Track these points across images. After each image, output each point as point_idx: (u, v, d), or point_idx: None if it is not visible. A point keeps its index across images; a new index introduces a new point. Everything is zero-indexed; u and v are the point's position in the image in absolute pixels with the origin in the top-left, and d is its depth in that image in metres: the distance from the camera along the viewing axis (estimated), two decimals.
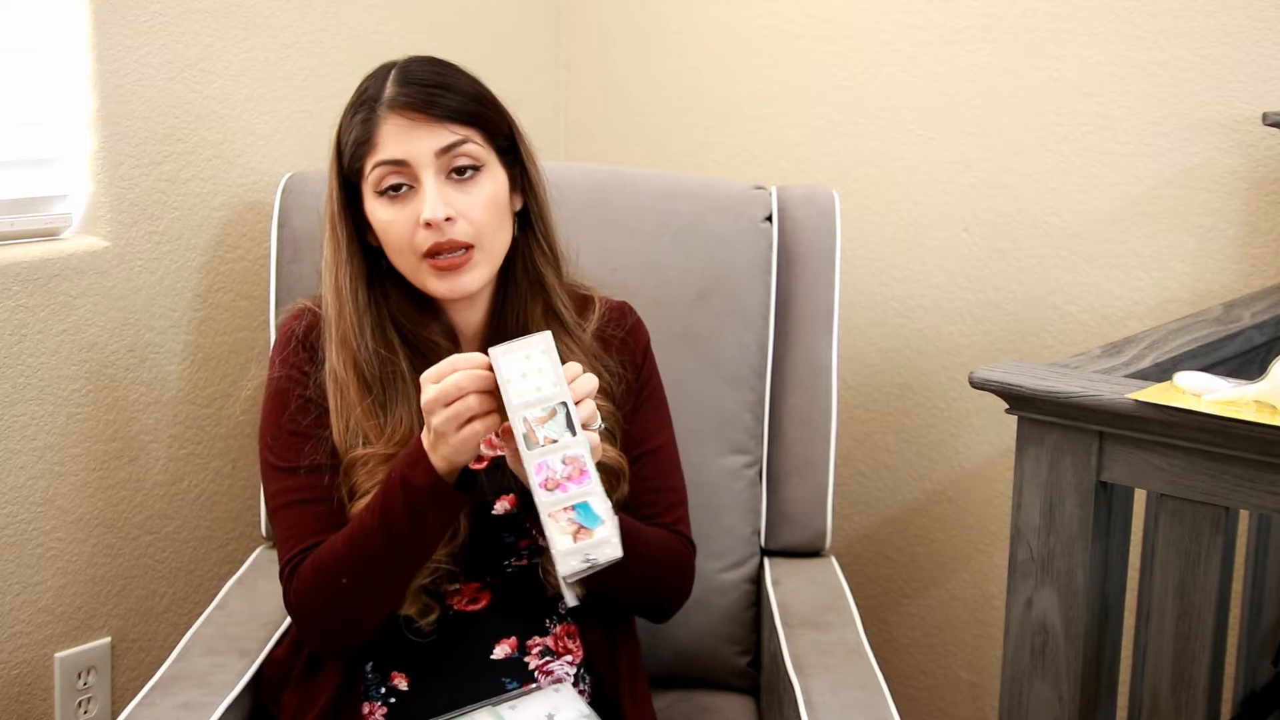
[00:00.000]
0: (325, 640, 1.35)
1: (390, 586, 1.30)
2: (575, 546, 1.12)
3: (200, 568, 1.95)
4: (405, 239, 1.31)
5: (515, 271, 1.39)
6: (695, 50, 2.28)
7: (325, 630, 1.33)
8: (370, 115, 1.31)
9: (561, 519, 1.13)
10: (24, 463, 1.73)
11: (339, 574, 1.28)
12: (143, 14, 1.79)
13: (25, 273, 1.70)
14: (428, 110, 1.29)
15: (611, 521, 1.13)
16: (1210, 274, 1.86)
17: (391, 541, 1.25)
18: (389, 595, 1.30)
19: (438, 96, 1.30)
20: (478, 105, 1.33)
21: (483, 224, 1.32)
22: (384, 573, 1.28)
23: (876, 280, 2.14)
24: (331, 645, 1.35)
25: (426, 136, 1.29)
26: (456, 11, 2.19)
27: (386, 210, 1.31)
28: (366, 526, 1.26)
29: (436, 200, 1.28)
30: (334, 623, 1.32)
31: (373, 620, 1.32)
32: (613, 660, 1.42)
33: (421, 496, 1.22)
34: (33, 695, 1.78)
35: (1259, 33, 1.79)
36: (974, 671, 2.16)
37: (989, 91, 2.00)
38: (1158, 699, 1.34)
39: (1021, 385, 1.34)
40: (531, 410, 1.14)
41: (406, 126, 1.29)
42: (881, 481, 2.20)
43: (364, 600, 1.29)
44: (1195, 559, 1.30)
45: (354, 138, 1.32)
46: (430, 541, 1.27)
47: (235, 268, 1.93)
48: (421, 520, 1.24)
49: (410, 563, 1.29)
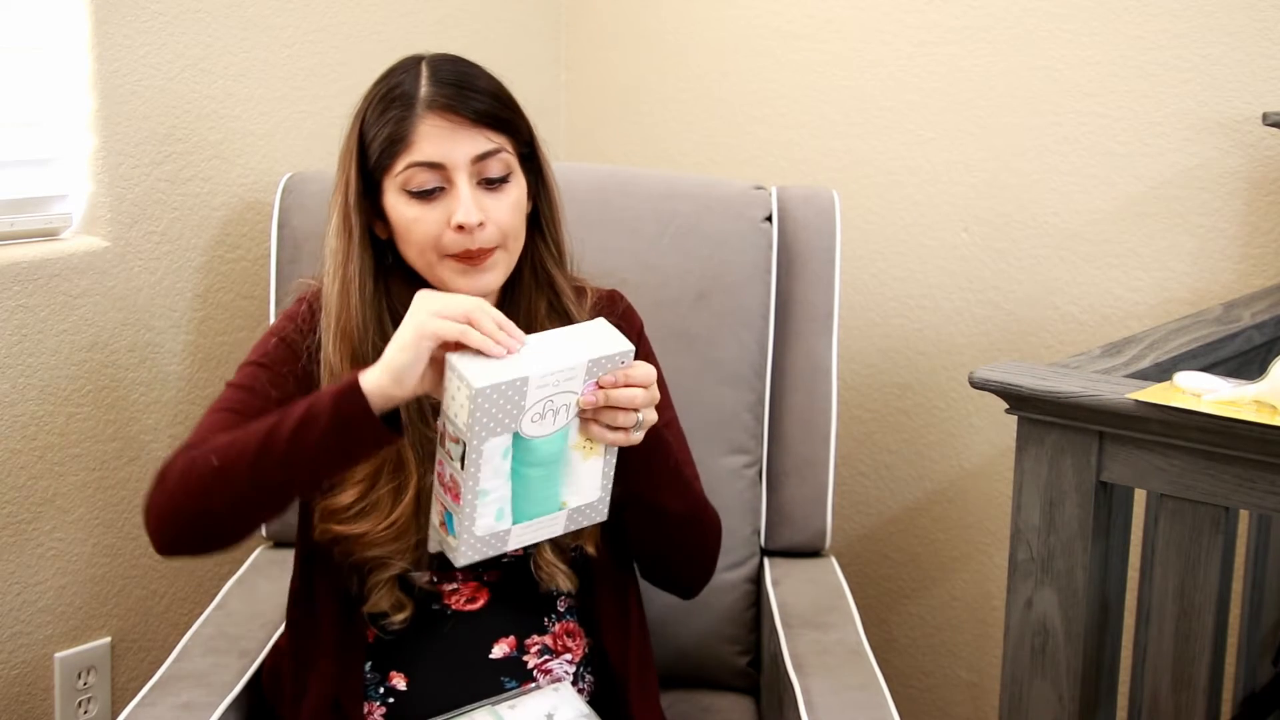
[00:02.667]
0: (162, 514, 1.28)
1: (256, 492, 1.23)
2: (435, 534, 1.25)
3: (200, 568, 1.95)
4: (430, 238, 1.31)
5: (523, 271, 1.39)
6: (695, 50, 2.28)
7: (175, 503, 1.26)
8: (406, 115, 1.29)
9: (438, 505, 1.24)
10: (24, 463, 1.73)
11: (221, 454, 1.23)
12: (143, 14, 1.79)
13: (25, 273, 1.70)
14: (466, 114, 1.29)
15: (467, 537, 1.22)
16: (1210, 274, 1.86)
17: (293, 445, 1.20)
18: (250, 500, 1.24)
19: (474, 100, 1.30)
20: (509, 111, 1.33)
21: (509, 228, 1.32)
22: (268, 471, 1.22)
23: (876, 280, 2.14)
24: (167, 523, 1.28)
25: (465, 141, 1.29)
26: (457, 11, 2.19)
27: (412, 208, 1.30)
28: (273, 424, 1.22)
29: (472, 205, 1.28)
30: (185, 500, 1.25)
31: (219, 517, 1.25)
32: (624, 649, 1.42)
33: (351, 408, 1.18)
34: (33, 695, 1.79)
35: (1259, 33, 1.79)
36: (974, 671, 2.16)
37: (989, 91, 2.00)
38: (1158, 699, 1.34)
39: (1021, 385, 1.34)
40: (446, 424, 1.20)
41: (446, 129, 1.28)
42: (881, 481, 2.20)
43: (225, 488, 1.23)
44: (1195, 559, 1.30)
45: (386, 135, 1.30)
46: (325, 462, 1.22)
47: (235, 268, 1.93)
48: (337, 434, 1.19)
49: (292, 476, 1.23)
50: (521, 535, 1.28)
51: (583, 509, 1.29)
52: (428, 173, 1.29)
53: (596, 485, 1.28)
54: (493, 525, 1.26)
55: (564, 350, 1.20)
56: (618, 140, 2.39)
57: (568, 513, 1.28)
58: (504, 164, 1.31)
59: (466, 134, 1.29)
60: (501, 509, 1.26)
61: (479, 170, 1.30)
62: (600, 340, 1.22)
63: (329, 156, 2.01)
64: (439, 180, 1.29)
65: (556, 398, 1.20)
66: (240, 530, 1.29)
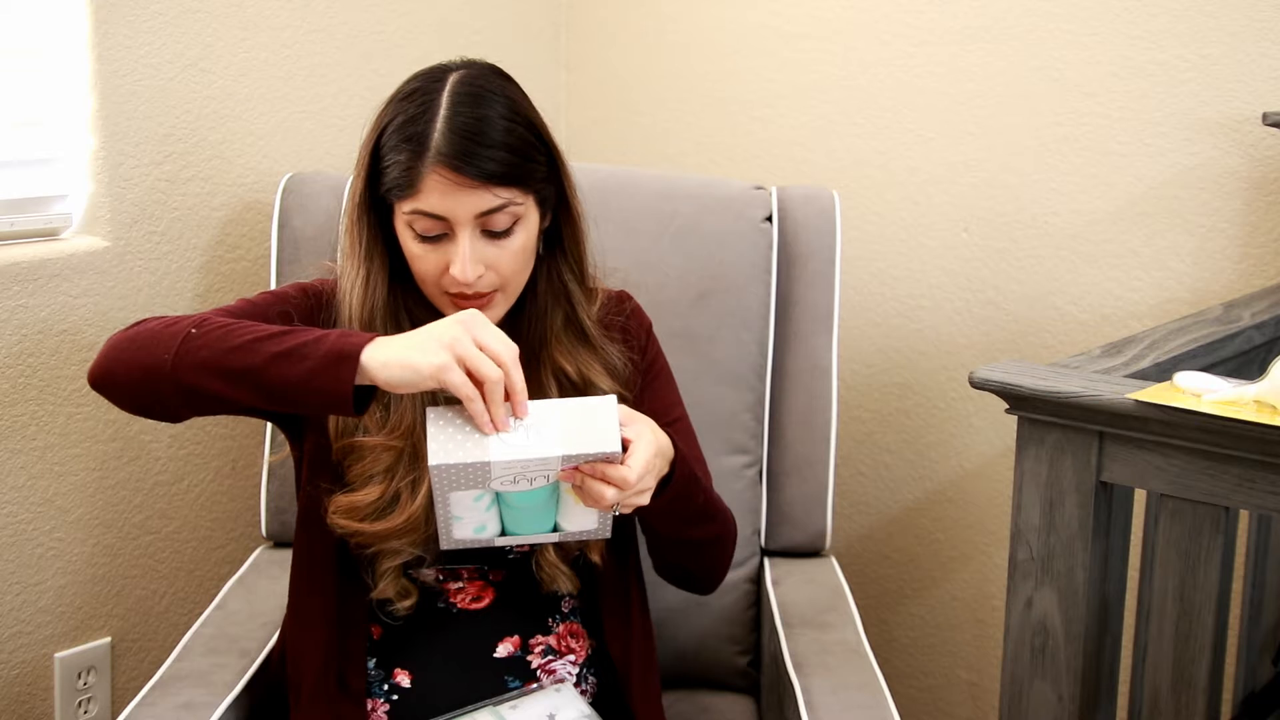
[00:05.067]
0: (119, 345, 1.27)
1: (219, 377, 1.21)
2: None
3: (200, 568, 1.95)
4: (431, 275, 1.31)
5: (538, 283, 1.39)
6: (695, 50, 2.28)
7: (138, 343, 1.25)
8: (414, 163, 1.27)
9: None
10: (24, 463, 1.73)
11: (202, 328, 1.22)
12: (143, 14, 1.79)
13: (25, 273, 1.70)
14: (474, 173, 1.26)
15: (446, 539, 1.26)
16: (1210, 274, 1.86)
17: (269, 370, 1.19)
18: (199, 378, 1.22)
19: (484, 159, 1.26)
20: (523, 160, 1.30)
21: (510, 274, 1.32)
22: (227, 365, 1.21)
23: (876, 280, 2.14)
24: (116, 353, 1.27)
25: (469, 198, 1.27)
26: (457, 12, 2.19)
27: (416, 245, 1.30)
28: (264, 335, 1.21)
29: (469, 261, 1.28)
30: (150, 346, 1.24)
31: (163, 377, 1.23)
32: (626, 651, 1.42)
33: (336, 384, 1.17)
34: (33, 695, 1.79)
35: (1259, 33, 1.79)
36: (974, 671, 2.16)
37: (989, 91, 2.00)
38: (1158, 699, 1.34)
39: (1021, 385, 1.34)
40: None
41: (451, 185, 1.26)
42: (881, 481, 2.20)
43: (189, 355, 1.22)
44: (1195, 559, 1.30)
45: (395, 175, 1.28)
46: (286, 393, 1.20)
47: (235, 268, 1.93)
48: (312, 376, 1.18)
49: (250, 385, 1.21)
50: (509, 541, 1.28)
51: (581, 532, 1.28)
52: (431, 221, 1.28)
53: (593, 518, 1.27)
54: (472, 535, 1.26)
55: (545, 439, 1.17)
56: (618, 140, 2.39)
57: (562, 534, 1.28)
58: (510, 216, 1.29)
59: (472, 191, 1.26)
60: (484, 525, 1.25)
61: (483, 223, 1.29)
62: (591, 432, 1.18)
63: (329, 156, 2.03)
64: (442, 228, 1.29)
65: (530, 473, 1.19)
66: (171, 404, 1.26)
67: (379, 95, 1.35)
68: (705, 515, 1.37)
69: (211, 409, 1.28)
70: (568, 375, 1.38)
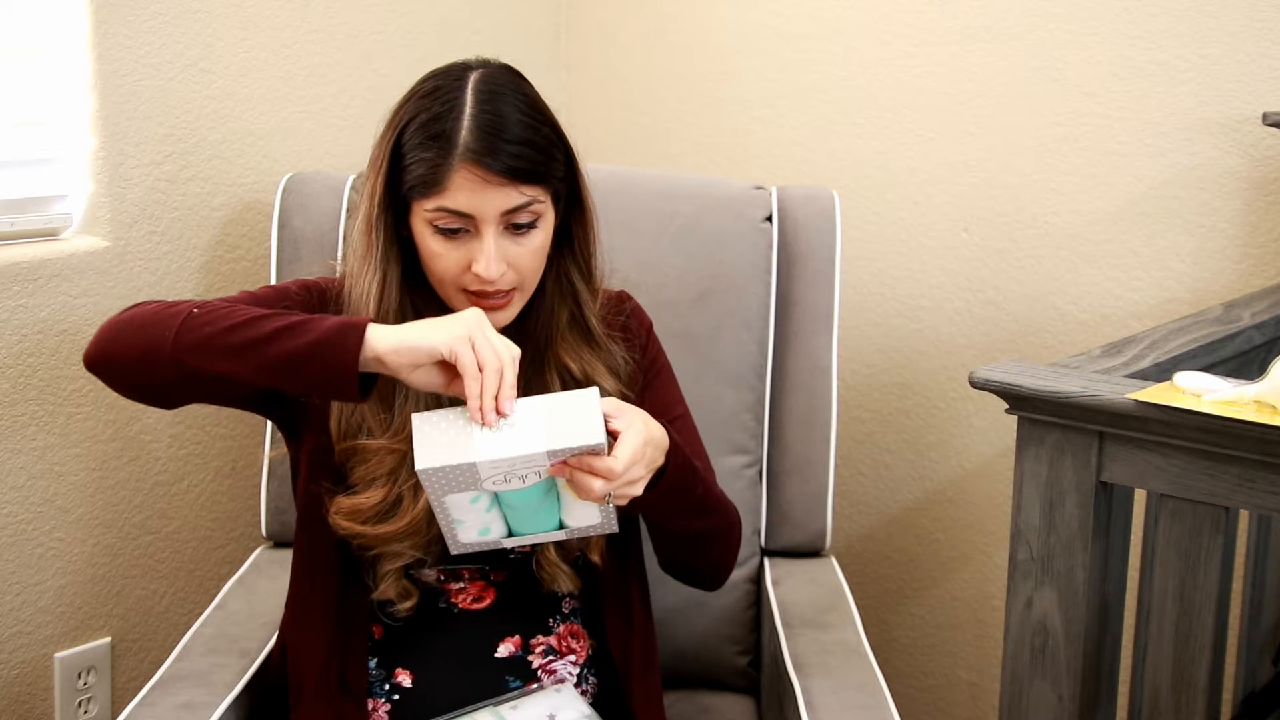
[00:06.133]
0: (119, 324, 1.27)
1: (221, 354, 1.21)
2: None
3: (200, 568, 1.95)
4: (451, 273, 1.31)
5: (546, 282, 1.39)
6: (695, 50, 2.28)
7: (137, 322, 1.26)
8: (442, 161, 1.27)
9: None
10: (24, 463, 1.73)
11: (204, 308, 1.22)
12: (143, 14, 1.79)
13: (25, 273, 1.70)
14: (502, 170, 1.26)
15: (453, 544, 1.27)
16: (1210, 274, 1.86)
17: (272, 344, 1.19)
18: (200, 360, 1.22)
19: (508, 155, 1.27)
20: (546, 158, 1.31)
21: (529, 272, 1.33)
22: (229, 341, 1.21)
23: (876, 280, 2.14)
24: (114, 333, 1.27)
25: (496, 196, 1.27)
26: (457, 12, 2.19)
27: (437, 243, 1.30)
28: (267, 313, 1.22)
29: (494, 258, 1.28)
30: (152, 325, 1.24)
31: (163, 358, 1.23)
32: (627, 652, 1.42)
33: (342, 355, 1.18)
34: (33, 695, 1.79)
35: (1259, 33, 1.79)
36: (974, 671, 2.16)
37: (989, 91, 2.00)
38: (1158, 699, 1.34)
39: (1021, 385, 1.34)
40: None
41: (479, 183, 1.26)
42: (881, 481, 2.20)
43: (188, 335, 1.22)
44: (1195, 559, 1.30)
45: (420, 173, 1.28)
46: (290, 365, 1.20)
47: (235, 268, 1.93)
48: (317, 347, 1.19)
49: (251, 363, 1.21)
50: (518, 542, 1.28)
51: (587, 527, 1.28)
52: (456, 218, 1.28)
53: (595, 512, 1.27)
54: (477, 538, 1.26)
55: (529, 436, 1.17)
56: (618, 140, 2.39)
57: (569, 530, 1.28)
58: (533, 213, 1.30)
59: (498, 188, 1.27)
60: (487, 527, 1.26)
61: (507, 219, 1.29)
62: (573, 426, 1.18)
63: (329, 156, 2.03)
64: (466, 225, 1.29)
65: (519, 470, 1.19)
66: (168, 384, 1.25)
67: (379, 95, 1.35)
68: (705, 507, 1.37)
69: (208, 392, 1.28)
70: (572, 374, 1.38)
